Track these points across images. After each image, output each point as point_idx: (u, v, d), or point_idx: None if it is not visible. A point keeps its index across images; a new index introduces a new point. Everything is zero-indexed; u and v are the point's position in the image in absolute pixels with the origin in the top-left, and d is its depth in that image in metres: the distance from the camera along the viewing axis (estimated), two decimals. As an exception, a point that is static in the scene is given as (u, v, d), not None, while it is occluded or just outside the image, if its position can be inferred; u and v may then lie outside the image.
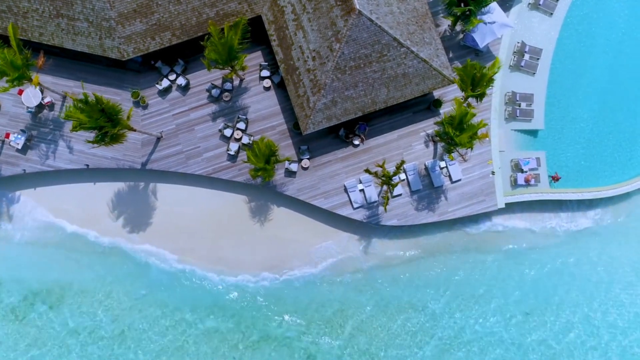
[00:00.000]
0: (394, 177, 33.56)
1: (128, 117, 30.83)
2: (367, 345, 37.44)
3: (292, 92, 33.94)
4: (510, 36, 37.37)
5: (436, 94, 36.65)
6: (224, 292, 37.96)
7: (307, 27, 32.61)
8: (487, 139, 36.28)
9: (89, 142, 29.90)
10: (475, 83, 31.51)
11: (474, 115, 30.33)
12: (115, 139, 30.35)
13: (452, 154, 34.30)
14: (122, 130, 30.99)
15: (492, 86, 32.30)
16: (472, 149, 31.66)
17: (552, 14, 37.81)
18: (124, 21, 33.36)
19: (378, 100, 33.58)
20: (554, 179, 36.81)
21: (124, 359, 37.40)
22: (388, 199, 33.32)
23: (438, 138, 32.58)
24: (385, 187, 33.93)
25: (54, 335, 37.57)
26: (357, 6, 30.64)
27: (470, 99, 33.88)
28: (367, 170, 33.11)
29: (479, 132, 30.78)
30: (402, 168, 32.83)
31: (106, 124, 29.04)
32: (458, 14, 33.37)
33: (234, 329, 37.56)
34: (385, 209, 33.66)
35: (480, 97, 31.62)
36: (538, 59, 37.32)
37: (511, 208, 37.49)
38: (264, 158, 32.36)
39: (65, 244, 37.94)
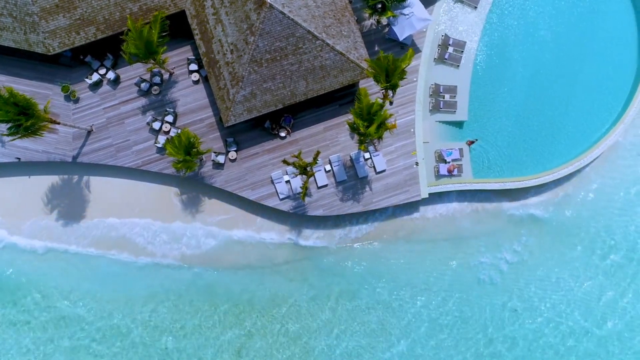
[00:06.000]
0: (312, 167, 34.14)
1: (45, 110, 31.32)
2: (298, 333, 38.14)
3: (214, 84, 34.52)
4: (434, 29, 37.98)
5: (363, 86, 37.25)
6: (159, 285, 38.62)
7: (225, 21, 33.18)
8: (411, 130, 36.99)
9: (3, 134, 30.39)
10: (389, 75, 32.09)
11: (381, 105, 30.87)
12: (33, 131, 30.80)
13: (365, 145, 34.86)
14: (43, 123, 31.49)
15: (406, 78, 32.80)
16: (381, 139, 32.20)
17: (476, 7, 38.38)
18: (47, 16, 33.85)
19: (297, 93, 34.17)
20: (469, 143, 37.49)
21: (57, 350, 38.07)
22: (306, 189, 33.91)
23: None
24: (304, 178, 34.49)
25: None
26: (268, -1, 31.28)
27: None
28: (284, 161, 33.69)
29: (388, 123, 31.31)
30: (318, 159, 33.35)
31: (19, 117, 29.54)
32: (376, 7, 33.97)
33: (165, 320, 38.36)
34: (303, 198, 34.24)
35: (393, 88, 32.18)
36: (462, 51, 37.92)
37: (440, 197, 38.18)
38: (184, 150, 32.94)
39: (-1, 239, 38.66)
